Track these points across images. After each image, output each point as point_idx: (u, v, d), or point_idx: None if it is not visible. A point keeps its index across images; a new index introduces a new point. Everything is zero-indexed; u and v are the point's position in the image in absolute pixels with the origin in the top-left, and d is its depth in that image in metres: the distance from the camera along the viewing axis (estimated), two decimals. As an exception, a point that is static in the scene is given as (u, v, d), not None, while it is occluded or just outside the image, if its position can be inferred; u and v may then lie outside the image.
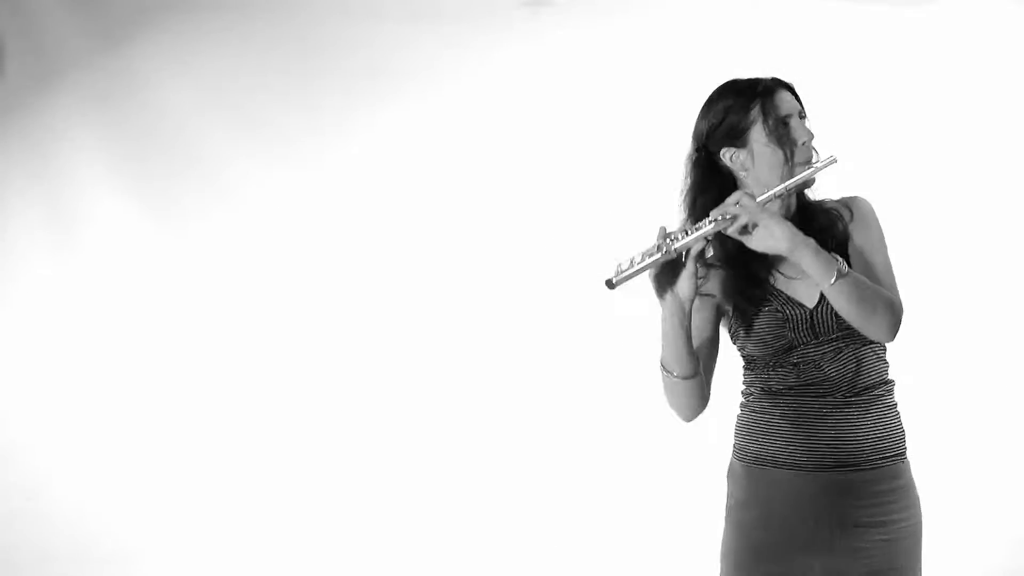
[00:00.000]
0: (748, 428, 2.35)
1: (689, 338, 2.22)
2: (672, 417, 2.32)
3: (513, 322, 4.28)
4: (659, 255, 2.11)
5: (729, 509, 2.37)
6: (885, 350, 2.34)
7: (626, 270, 2.10)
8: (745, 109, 2.27)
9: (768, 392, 2.32)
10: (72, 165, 4.51)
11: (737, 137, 2.28)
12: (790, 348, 2.27)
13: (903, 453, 2.34)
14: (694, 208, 2.30)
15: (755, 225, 2.16)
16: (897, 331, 2.23)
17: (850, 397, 2.28)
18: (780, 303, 2.28)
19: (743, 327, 2.31)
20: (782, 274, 2.30)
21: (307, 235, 4.49)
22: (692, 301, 2.19)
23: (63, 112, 4.49)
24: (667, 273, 2.17)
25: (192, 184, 4.53)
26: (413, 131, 4.42)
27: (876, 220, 2.33)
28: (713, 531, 2.41)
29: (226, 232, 4.54)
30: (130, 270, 4.56)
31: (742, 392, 2.39)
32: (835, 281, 2.15)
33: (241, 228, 4.53)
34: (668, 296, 2.18)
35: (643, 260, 2.11)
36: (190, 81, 4.52)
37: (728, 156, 2.29)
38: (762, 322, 2.29)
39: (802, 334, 2.27)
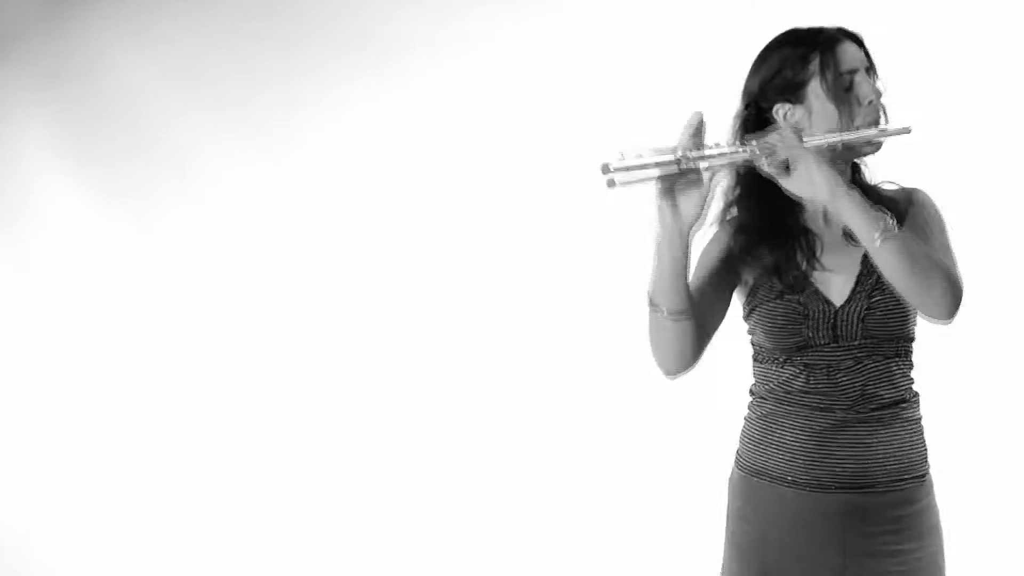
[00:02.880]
0: (751, 435, 2.27)
1: (683, 269, 2.10)
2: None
3: (510, 319, 4.15)
4: (672, 158, 1.97)
5: (727, 520, 2.31)
6: (911, 365, 2.25)
7: (629, 163, 1.95)
8: (803, 61, 2.18)
9: (772, 394, 2.24)
10: (17, 150, 4.54)
11: (793, 92, 2.19)
12: (804, 346, 2.19)
13: (925, 474, 2.24)
14: (746, 172, 2.22)
15: (794, 165, 2.03)
16: (957, 309, 2.08)
17: (864, 414, 2.19)
18: (805, 295, 2.19)
19: (758, 307, 2.22)
20: (820, 264, 2.20)
21: (282, 228, 4.39)
22: (694, 227, 2.07)
23: (7, 91, 4.52)
24: (676, 183, 2.03)
25: (153, 171, 4.45)
26: (404, 111, 4.26)
27: (939, 214, 2.23)
28: (716, 533, 2.37)
29: (192, 225, 4.45)
30: (83, 268, 4.53)
31: (750, 389, 2.31)
32: (882, 239, 2.02)
33: (209, 220, 4.44)
34: (669, 209, 2.04)
35: (653, 157, 1.96)
36: (150, 54, 4.43)
37: (781, 113, 2.20)
38: (779, 310, 2.20)
39: (821, 334, 2.18)
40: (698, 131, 2.04)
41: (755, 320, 2.25)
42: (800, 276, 2.21)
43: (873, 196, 2.18)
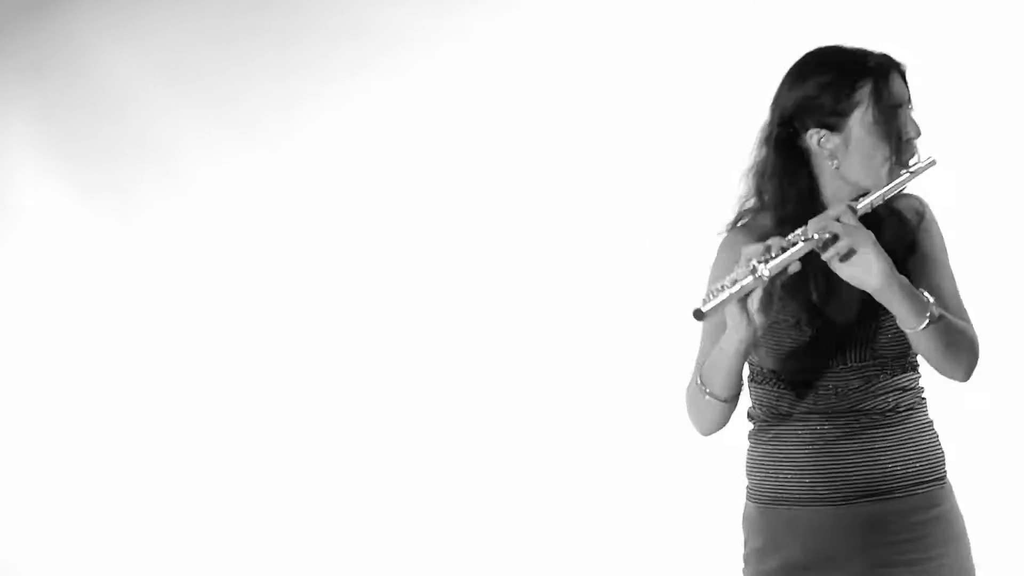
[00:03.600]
0: (757, 464, 2.26)
1: (743, 364, 2.14)
2: (689, 428, 2.28)
3: (508, 319, 4.14)
4: (750, 279, 2.01)
5: (746, 559, 2.28)
6: (918, 373, 2.26)
7: (716, 298, 2.01)
8: (850, 88, 2.13)
9: (778, 415, 2.22)
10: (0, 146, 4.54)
11: (833, 119, 2.13)
12: (811, 369, 2.19)
13: (942, 477, 2.23)
14: (779, 196, 2.18)
15: (852, 251, 2.04)
16: (974, 370, 2.18)
17: (877, 420, 2.19)
18: (810, 318, 2.17)
19: (764, 331, 2.15)
20: (826, 287, 2.18)
21: (276, 229, 4.37)
22: (765, 327, 2.09)
23: (-11, 85, 4.51)
24: (747, 296, 2.06)
25: (139, 169, 4.43)
26: (402, 105, 4.24)
27: (939, 227, 2.24)
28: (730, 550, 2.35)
29: (179, 226, 4.44)
30: (64, 270, 4.52)
31: (748, 415, 2.29)
32: (926, 327, 2.07)
33: (197, 221, 4.43)
34: (745, 323, 2.06)
35: (735, 286, 2.02)
36: (137, 47, 4.40)
37: (816, 139, 2.15)
38: (784, 336, 2.18)
39: (828, 357, 2.18)
40: (770, 247, 2.03)
41: (760, 343, 2.21)
42: (810, 304, 2.19)
43: (884, 211, 2.17)
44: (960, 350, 2.12)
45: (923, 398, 2.24)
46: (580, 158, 4.01)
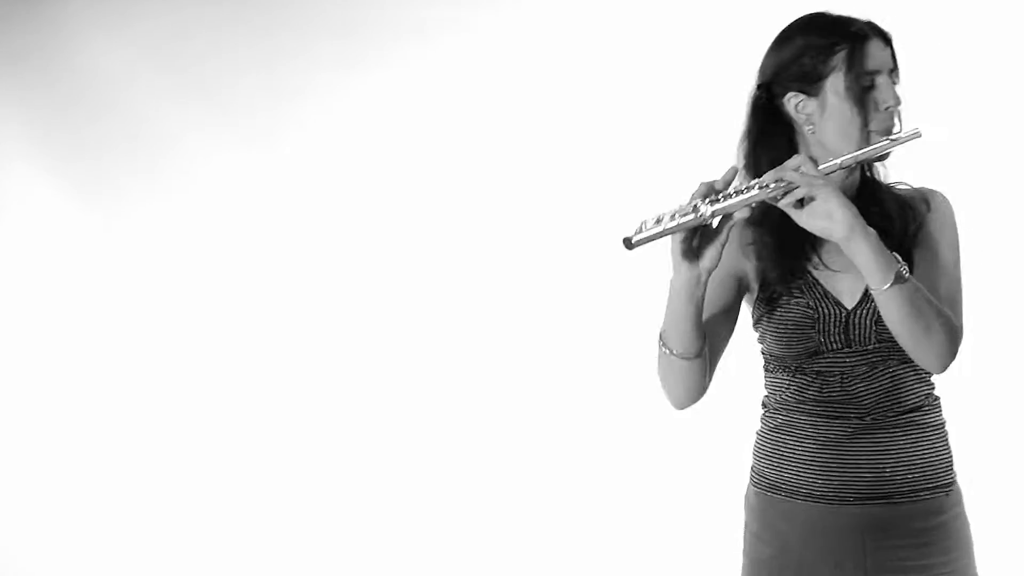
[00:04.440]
0: (764, 449, 2.28)
1: (699, 313, 2.13)
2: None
3: (507, 319, 4.14)
4: (692, 217, 2.01)
5: (745, 541, 2.30)
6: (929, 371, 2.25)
7: (650, 230, 2.00)
8: (827, 51, 2.14)
9: (785, 405, 2.25)
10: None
11: (810, 83, 2.15)
12: (815, 352, 2.20)
13: (951, 483, 2.22)
14: (752, 159, 2.21)
15: (811, 199, 2.04)
16: (950, 362, 2.13)
17: (882, 421, 2.19)
18: (814, 298, 2.19)
19: (767, 314, 2.22)
20: (824, 263, 2.20)
21: (267, 226, 4.36)
22: (711, 272, 2.09)
23: (-29, 77, 4.50)
24: (691, 236, 2.07)
25: (129, 162, 4.40)
26: (395, 100, 4.23)
27: (955, 226, 2.23)
28: (731, 548, 2.37)
29: (166, 224, 4.41)
30: (55, 264, 4.49)
31: (762, 402, 2.32)
32: (890, 286, 2.04)
33: (185, 218, 4.40)
34: (688, 264, 2.07)
35: (672, 221, 2.01)
36: (126, 38, 4.37)
37: (793, 104, 2.17)
38: (789, 316, 2.19)
39: (832, 339, 2.19)
40: (713, 186, 2.05)
41: (764, 327, 2.25)
42: (800, 269, 2.20)
43: (886, 192, 2.22)
44: (931, 325, 2.07)
45: (935, 398, 2.24)
46: (574, 150, 4.01)
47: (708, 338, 2.19)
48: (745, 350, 2.31)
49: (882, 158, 2.18)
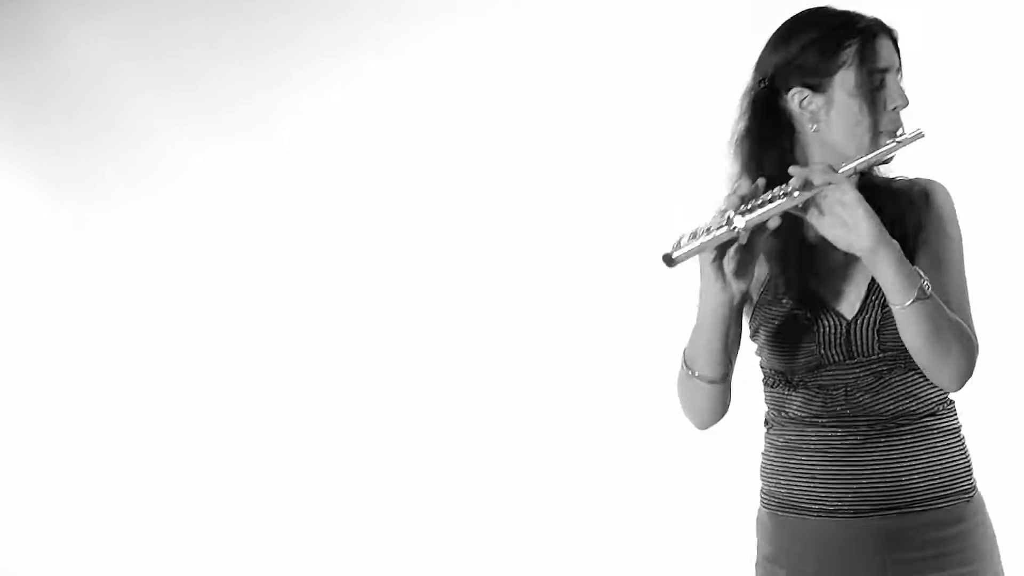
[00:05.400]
0: (771, 468, 2.26)
1: (727, 338, 2.11)
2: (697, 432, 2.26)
3: (506, 318, 4.12)
4: (724, 230, 1.98)
5: (757, 566, 2.28)
6: None
7: (688, 244, 1.97)
8: (836, 47, 2.12)
9: (789, 419, 2.22)
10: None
11: (816, 79, 2.13)
12: (818, 366, 2.17)
13: (970, 489, 2.18)
14: (755, 160, 2.18)
15: (831, 209, 2.03)
16: (967, 381, 2.12)
17: (893, 428, 2.16)
18: (812, 309, 2.17)
19: (763, 325, 2.21)
20: (819, 272, 2.19)
21: (253, 220, 4.34)
22: (744, 294, 2.07)
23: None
24: (721, 254, 2.05)
25: (109, 157, 4.39)
26: (388, 89, 4.22)
27: (956, 220, 2.21)
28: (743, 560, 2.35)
29: (151, 216, 4.40)
30: (30, 263, 4.50)
31: (764, 419, 2.30)
32: (913, 303, 2.02)
33: (170, 211, 4.39)
34: (720, 286, 2.05)
35: (708, 235, 1.98)
36: (104, 25, 4.36)
37: (797, 100, 2.15)
38: (787, 328, 2.18)
39: (834, 351, 2.16)
40: (748, 196, 2.02)
41: (762, 339, 2.23)
42: (795, 278, 2.17)
43: (885, 190, 2.19)
44: (951, 345, 2.06)
45: (949, 402, 2.21)
46: (571, 135, 4.01)
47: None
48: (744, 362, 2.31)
49: (886, 161, 2.16)
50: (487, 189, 4.14)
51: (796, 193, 2.01)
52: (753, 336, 2.24)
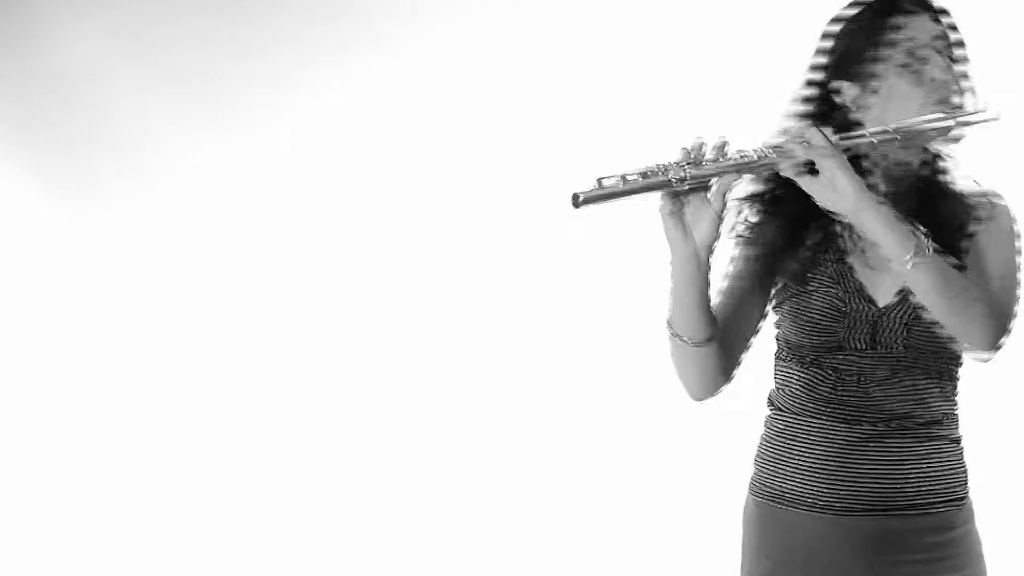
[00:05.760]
0: (768, 455, 2.24)
1: (704, 294, 2.11)
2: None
3: (505, 318, 4.09)
4: (659, 179, 1.95)
5: (743, 557, 2.28)
6: (954, 387, 2.22)
7: (605, 188, 1.94)
8: (866, 32, 2.13)
9: (793, 400, 2.21)
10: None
11: (855, 68, 2.13)
12: (836, 347, 2.16)
13: (963, 497, 2.20)
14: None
15: (813, 170, 2.02)
16: (1001, 337, 2.07)
17: (898, 430, 2.16)
18: (846, 291, 2.16)
19: (791, 298, 2.19)
20: (864, 262, 2.17)
21: (253, 220, 4.30)
22: (711, 249, 2.06)
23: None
24: (683, 206, 2.04)
25: (109, 156, 4.37)
26: (388, 89, 4.20)
27: (1013, 242, 2.16)
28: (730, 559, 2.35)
29: (153, 217, 4.37)
30: (25, 266, 4.47)
31: (768, 399, 2.29)
32: (912, 261, 1.99)
33: (171, 211, 4.36)
34: (680, 237, 2.05)
35: (636, 180, 1.94)
36: (101, 24, 4.34)
37: (840, 90, 2.15)
38: (816, 304, 2.17)
39: (858, 336, 2.15)
40: (694, 152, 2.02)
41: (786, 311, 2.21)
42: (838, 262, 2.17)
43: (948, 192, 2.17)
44: (970, 302, 2.04)
45: (954, 414, 2.21)
46: (571, 133, 3.96)
47: (733, 321, 2.18)
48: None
49: (943, 132, 2.11)
50: (487, 189, 4.12)
51: (753, 151, 1.99)
52: (777, 307, 2.22)
